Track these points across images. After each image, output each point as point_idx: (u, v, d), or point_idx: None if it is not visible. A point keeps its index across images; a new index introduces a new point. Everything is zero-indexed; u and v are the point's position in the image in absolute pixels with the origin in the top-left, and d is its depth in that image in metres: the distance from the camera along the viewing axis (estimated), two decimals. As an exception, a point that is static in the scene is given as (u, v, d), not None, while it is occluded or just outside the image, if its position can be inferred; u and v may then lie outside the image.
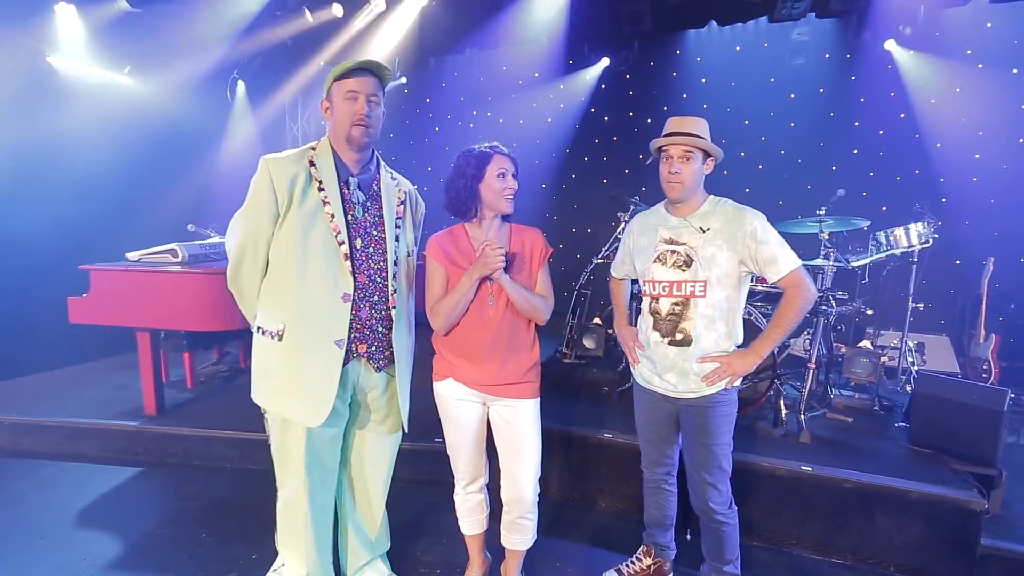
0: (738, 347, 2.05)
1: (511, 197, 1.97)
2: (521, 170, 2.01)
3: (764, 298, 3.65)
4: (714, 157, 2.04)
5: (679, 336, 2.03)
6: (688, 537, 2.67)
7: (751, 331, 2.45)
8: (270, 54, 5.90)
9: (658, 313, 2.07)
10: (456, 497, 2.19)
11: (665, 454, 2.26)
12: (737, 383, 2.06)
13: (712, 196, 2.08)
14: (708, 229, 2.00)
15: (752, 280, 2.05)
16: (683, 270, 2.02)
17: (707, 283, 1.98)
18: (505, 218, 2.04)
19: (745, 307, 2.30)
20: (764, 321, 3.14)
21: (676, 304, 2.03)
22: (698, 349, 2.00)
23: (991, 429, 2.76)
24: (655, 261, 2.08)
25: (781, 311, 1.99)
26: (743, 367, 1.98)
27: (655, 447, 2.25)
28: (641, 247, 2.16)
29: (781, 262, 1.94)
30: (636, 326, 2.25)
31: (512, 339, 1.99)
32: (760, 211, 2.02)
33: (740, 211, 2.00)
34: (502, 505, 2.14)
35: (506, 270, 1.93)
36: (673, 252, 2.05)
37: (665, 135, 2.03)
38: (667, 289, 2.05)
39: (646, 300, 2.13)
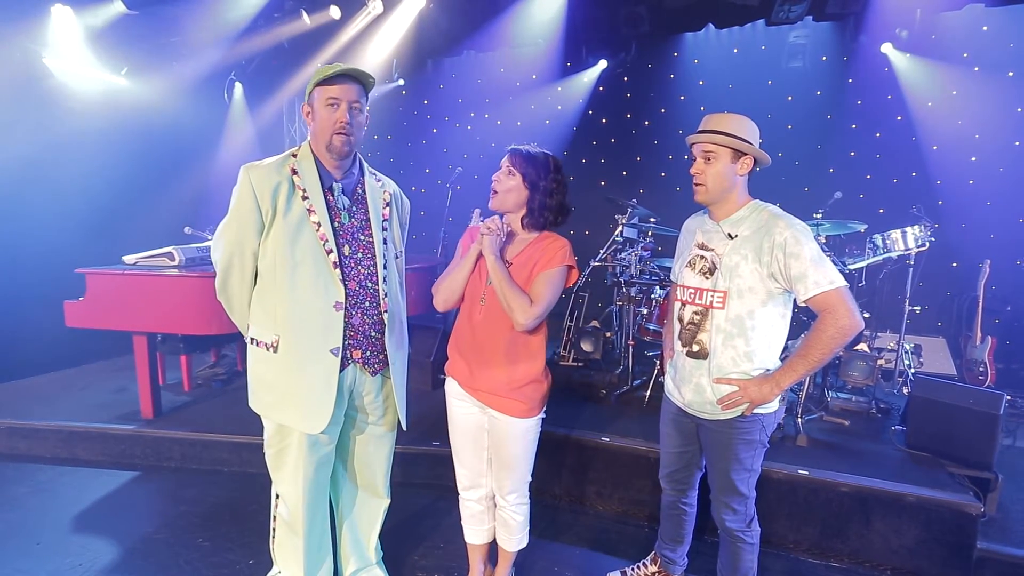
0: (767, 372, 1.87)
1: (492, 191, 1.95)
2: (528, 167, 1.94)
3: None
4: (750, 156, 1.84)
5: (696, 348, 1.92)
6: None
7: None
8: (267, 56, 5.89)
9: (681, 320, 1.98)
10: (460, 500, 2.18)
11: (683, 472, 2.17)
12: (765, 410, 1.88)
13: (755, 201, 1.91)
14: (736, 236, 1.85)
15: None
16: (706, 277, 1.91)
17: (727, 294, 1.85)
18: (535, 225, 1.98)
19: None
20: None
21: (696, 313, 1.93)
22: (715, 366, 1.88)
23: (987, 432, 2.77)
24: (687, 265, 1.99)
25: (808, 339, 1.77)
26: (759, 395, 1.80)
27: (672, 461, 2.17)
28: (681, 249, 2.09)
29: (811, 279, 1.71)
30: None
31: (500, 347, 1.93)
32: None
33: (775, 219, 1.80)
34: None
35: (511, 269, 1.92)
36: (702, 258, 1.94)
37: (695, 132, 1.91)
38: (691, 296, 1.95)
39: (675, 305, 2.04)
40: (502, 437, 2.00)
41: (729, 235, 1.87)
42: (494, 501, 2.15)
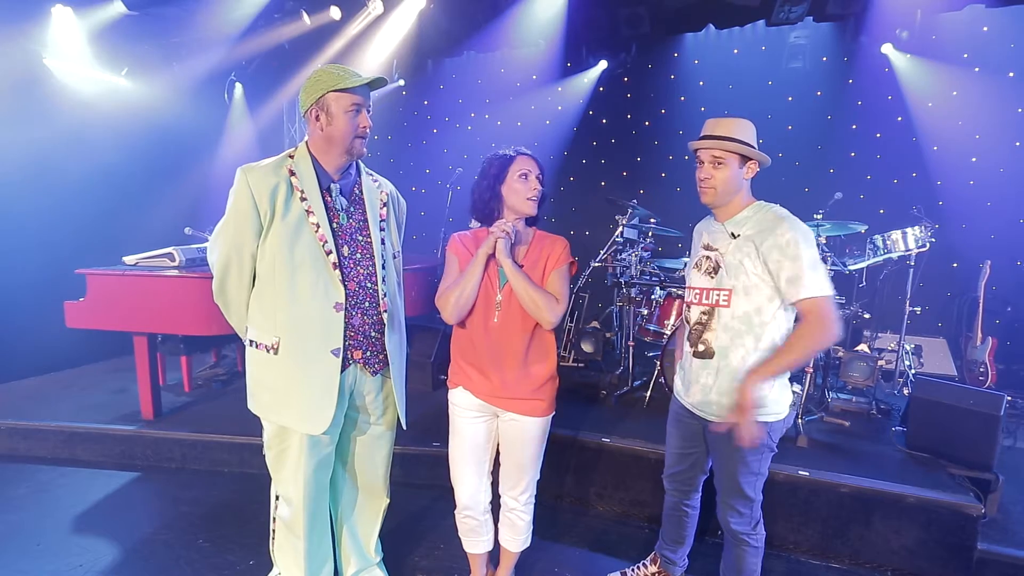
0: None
1: (534, 198, 1.91)
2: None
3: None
4: (756, 160, 1.88)
5: (701, 347, 1.94)
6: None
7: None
8: (268, 57, 5.89)
9: (689, 321, 2.01)
10: (457, 516, 2.15)
11: (686, 473, 2.16)
12: (774, 417, 1.89)
13: (759, 202, 1.93)
14: (739, 235, 1.88)
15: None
16: (711, 277, 1.93)
17: (732, 292, 1.87)
18: (530, 224, 2.01)
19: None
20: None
21: (703, 313, 1.95)
22: (723, 365, 1.89)
23: (988, 433, 2.77)
24: (694, 266, 2.02)
25: (792, 341, 1.78)
26: (746, 414, 1.72)
27: (676, 461, 2.17)
28: (692, 252, 2.12)
29: (806, 282, 1.73)
30: None
31: (520, 350, 1.94)
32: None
33: (779, 220, 1.82)
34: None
35: (524, 271, 1.91)
36: (707, 258, 1.96)
37: (699, 137, 1.92)
38: (698, 296, 1.97)
39: (685, 306, 2.07)
40: (520, 439, 1.99)
41: (732, 234, 1.90)
42: (491, 509, 2.14)
